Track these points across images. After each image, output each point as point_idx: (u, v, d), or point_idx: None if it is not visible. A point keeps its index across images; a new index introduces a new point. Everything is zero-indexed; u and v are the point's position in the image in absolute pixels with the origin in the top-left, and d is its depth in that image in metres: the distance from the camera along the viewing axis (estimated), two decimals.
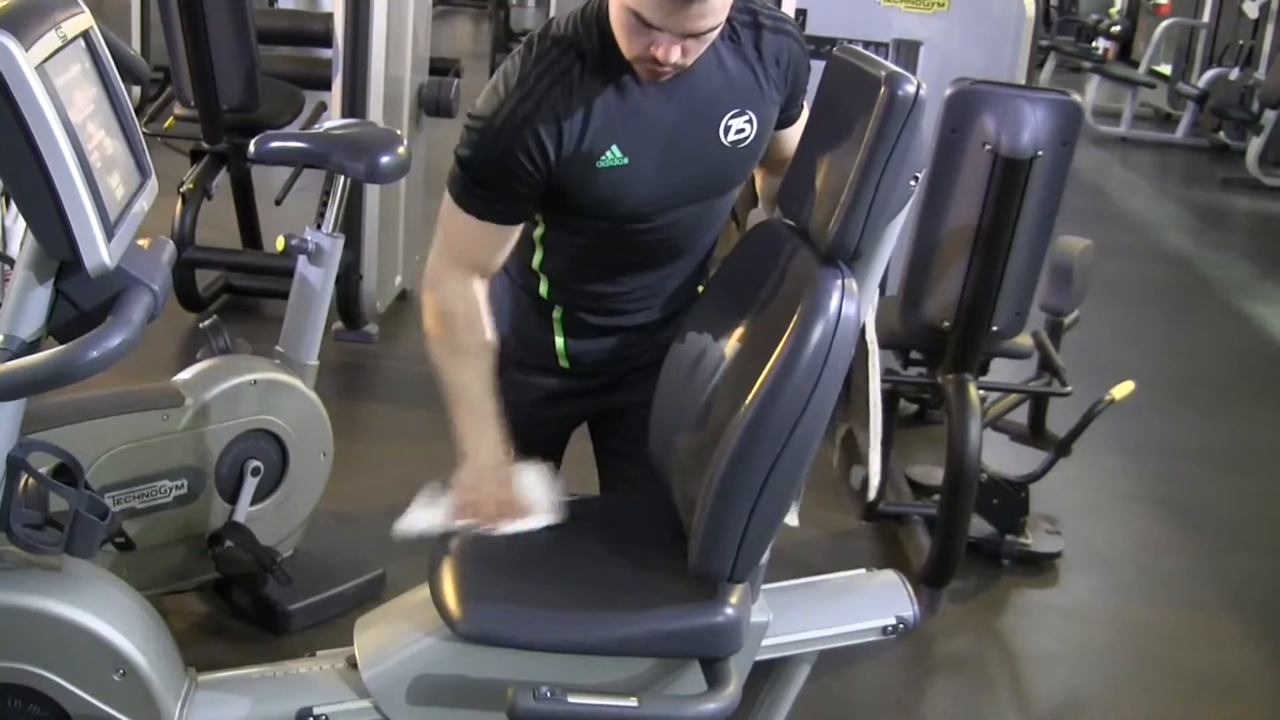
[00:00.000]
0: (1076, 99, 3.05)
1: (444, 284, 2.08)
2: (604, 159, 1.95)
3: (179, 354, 4.18)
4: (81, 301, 1.81)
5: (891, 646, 2.64)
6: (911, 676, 3.15)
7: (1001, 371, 3.59)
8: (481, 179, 1.97)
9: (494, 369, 2.08)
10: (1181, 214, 7.90)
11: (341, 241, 3.01)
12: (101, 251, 1.74)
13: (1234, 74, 9.11)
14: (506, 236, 2.05)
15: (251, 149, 2.95)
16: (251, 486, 2.92)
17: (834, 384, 1.78)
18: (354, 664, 1.99)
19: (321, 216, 3.05)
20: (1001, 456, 3.66)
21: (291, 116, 4.78)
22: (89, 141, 1.76)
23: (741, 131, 2.03)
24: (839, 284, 1.78)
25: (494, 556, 2.00)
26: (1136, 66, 10.59)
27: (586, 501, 2.20)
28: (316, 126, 3.36)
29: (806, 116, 2.13)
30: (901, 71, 1.76)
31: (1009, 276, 3.08)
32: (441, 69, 5.14)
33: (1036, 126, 2.96)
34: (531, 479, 2.06)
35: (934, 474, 3.63)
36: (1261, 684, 3.19)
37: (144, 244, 1.91)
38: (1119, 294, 5.83)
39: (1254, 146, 8.58)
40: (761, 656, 2.05)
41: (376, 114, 4.37)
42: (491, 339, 2.08)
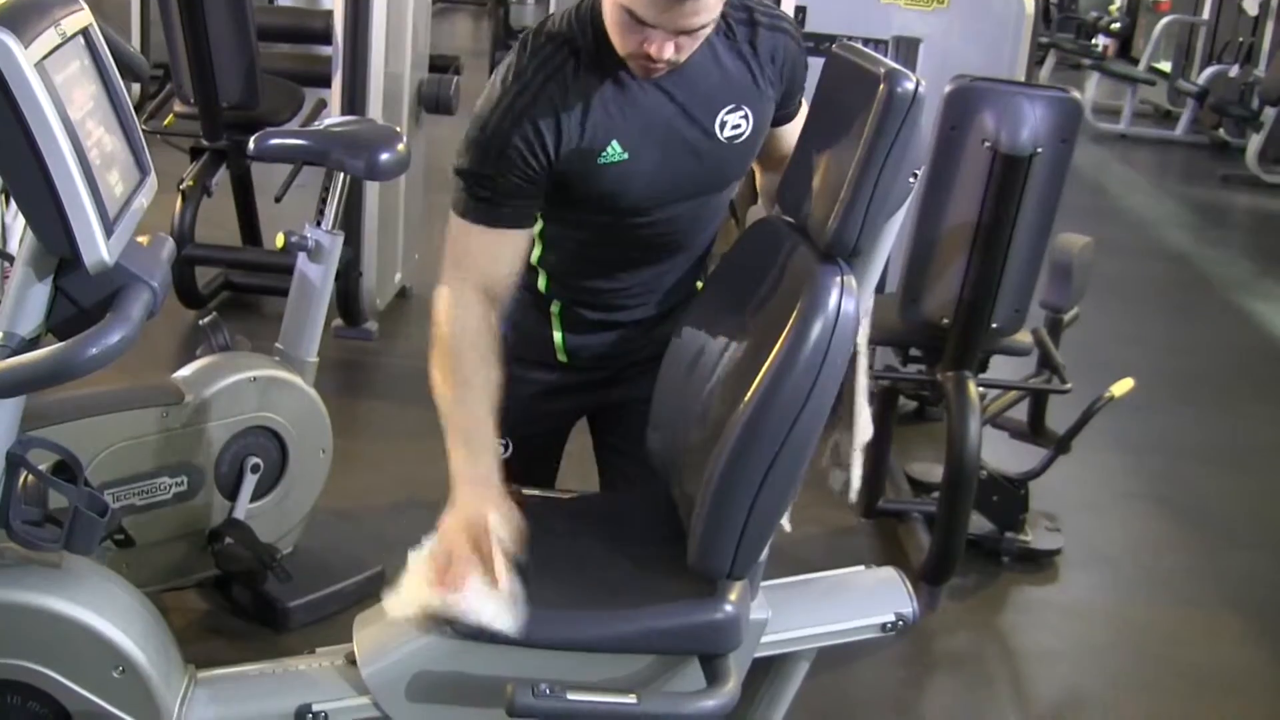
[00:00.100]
0: (1076, 96, 3.05)
1: (454, 306, 1.99)
2: (605, 155, 1.95)
3: (178, 351, 4.18)
4: (81, 298, 1.81)
5: (891, 644, 2.65)
6: (911, 674, 3.15)
7: (1001, 369, 3.58)
8: (485, 180, 1.95)
9: (496, 403, 1.98)
10: (1181, 211, 7.89)
11: (341, 238, 3.01)
12: (101, 248, 1.73)
13: (1234, 71, 9.11)
14: (517, 245, 2.01)
15: (251, 146, 2.96)
16: (251, 483, 2.93)
17: (833, 380, 1.78)
18: (353, 661, 1.98)
19: (321, 213, 3.05)
20: (1001, 454, 3.66)
21: (291, 114, 4.78)
22: (88, 139, 1.76)
23: (737, 127, 2.02)
24: (838, 281, 1.78)
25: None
26: (1136, 63, 10.58)
27: (586, 498, 2.21)
28: (316, 124, 3.35)
29: (803, 113, 2.14)
30: (900, 69, 1.76)
31: (1008, 273, 3.08)
32: (441, 66, 5.15)
33: (1036, 124, 2.96)
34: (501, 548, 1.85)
35: (933, 471, 3.63)
36: (1261, 681, 3.19)
37: (143, 241, 1.91)
38: (1118, 291, 5.83)
39: (1254, 143, 8.58)
40: (761, 653, 2.05)
41: (376, 111, 4.37)
42: (497, 372, 1.99)
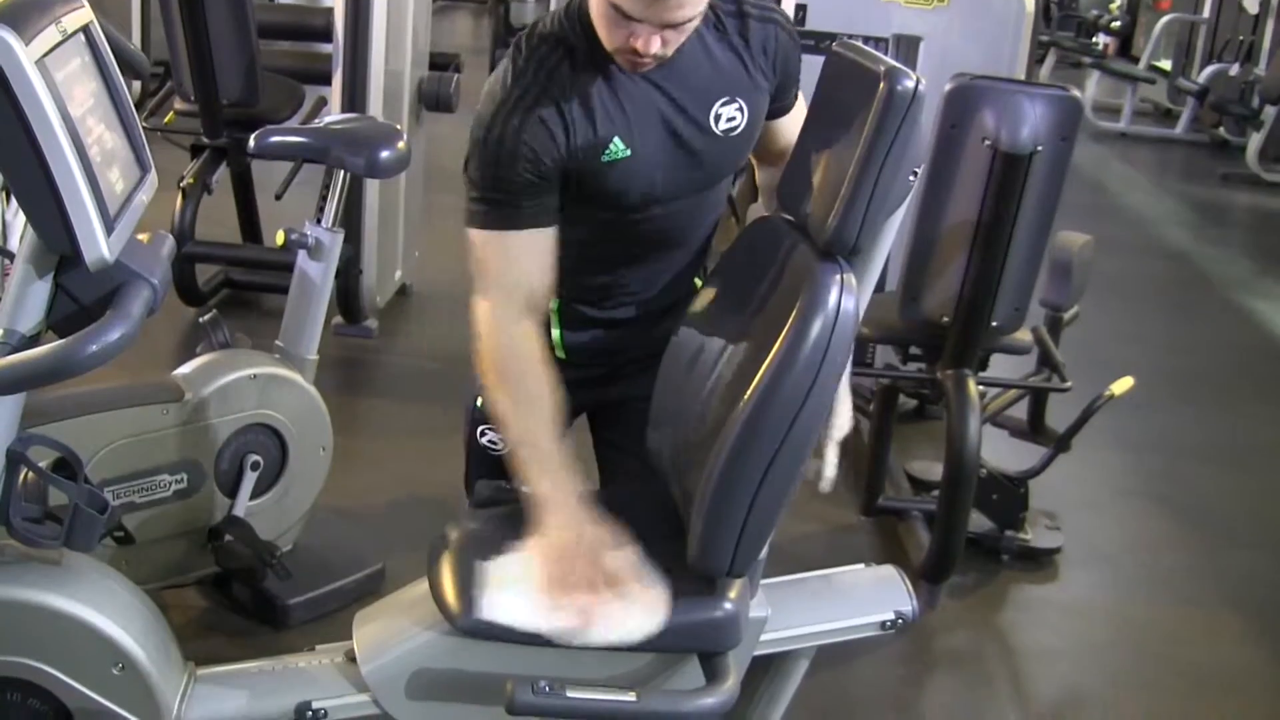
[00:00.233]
0: (1076, 94, 3.05)
1: (496, 335, 1.99)
2: (608, 151, 1.96)
3: (179, 348, 4.19)
4: (81, 296, 1.81)
5: (890, 642, 2.65)
6: (910, 672, 3.15)
7: (1001, 367, 3.58)
8: (499, 183, 1.94)
9: (561, 417, 1.99)
10: (1181, 209, 7.89)
11: (341, 236, 3.01)
12: (101, 246, 1.74)
13: (1234, 69, 9.11)
14: (545, 246, 2.00)
15: (251, 144, 2.96)
16: (251, 481, 2.93)
17: (833, 378, 1.78)
18: (353, 658, 1.99)
19: (321, 211, 3.05)
20: (1001, 452, 3.66)
21: (291, 111, 4.78)
22: (89, 136, 1.76)
23: (732, 120, 2.02)
24: (838, 279, 1.78)
25: (493, 552, 2.00)
26: (1136, 62, 10.58)
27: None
28: (316, 121, 3.35)
29: (801, 108, 2.13)
30: (901, 67, 1.76)
31: (1008, 272, 3.08)
32: (442, 64, 5.14)
33: (1036, 122, 2.96)
34: (626, 562, 1.90)
35: (933, 469, 3.63)
36: (1260, 680, 3.19)
37: (144, 238, 1.91)
38: (1118, 289, 5.83)
39: (1254, 142, 8.58)
40: (760, 651, 2.05)
41: (376, 109, 4.37)
42: (556, 387, 1.99)
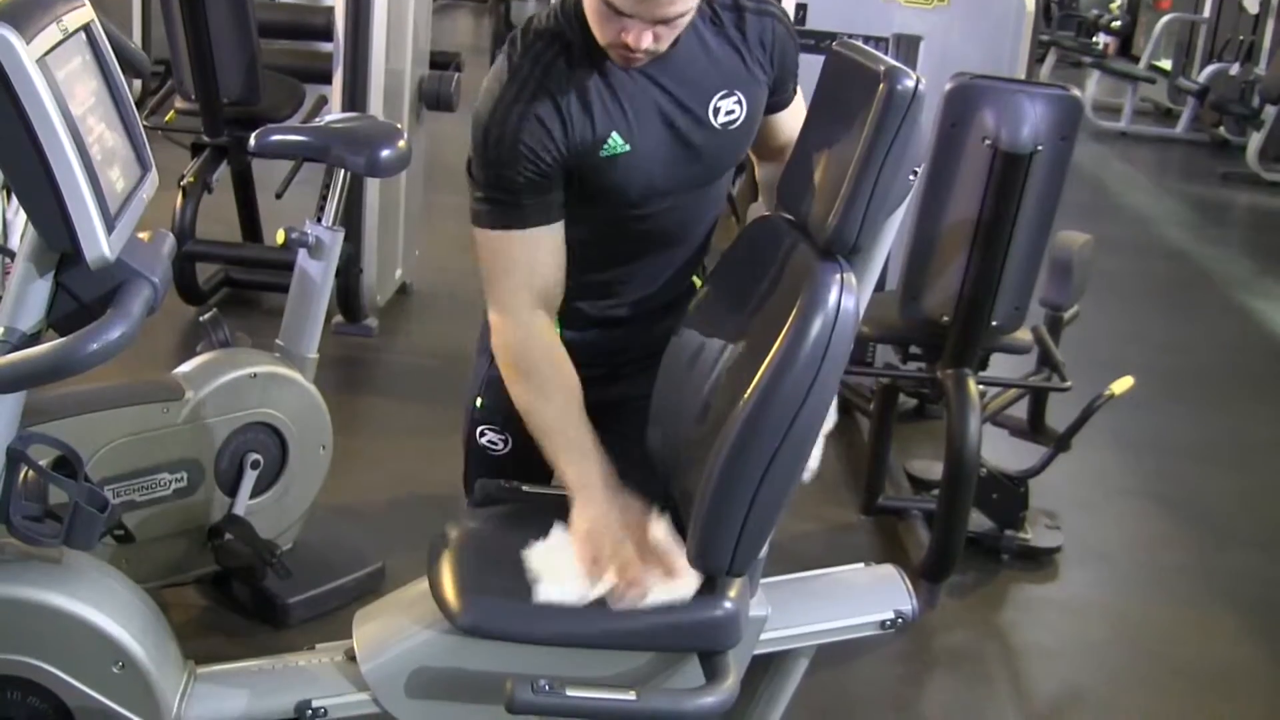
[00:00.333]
0: (1076, 94, 3.05)
1: (511, 329, 2.02)
2: (607, 147, 1.95)
3: (179, 347, 4.19)
4: (82, 294, 1.81)
5: (890, 641, 2.66)
6: (910, 671, 3.15)
7: (1001, 366, 3.59)
8: (499, 183, 1.94)
9: (583, 403, 2.01)
10: (1181, 209, 7.90)
11: (341, 235, 3.01)
12: (102, 244, 1.74)
13: (1234, 69, 9.11)
14: (554, 243, 2.00)
15: (252, 142, 2.96)
16: (251, 479, 2.93)
17: (833, 377, 1.78)
18: (353, 657, 1.99)
19: (322, 210, 3.05)
20: (1001, 451, 3.66)
21: (292, 110, 4.79)
22: (89, 134, 1.76)
23: (731, 113, 2.02)
24: (838, 278, 1.78)
25: (493, 550, 2.01)
26: (1137, 62, 10.58)
27: None
28: (317, 120, 3.35)
29: (800, 103, 2.13)
30: (901, 66, 1.76)
31: (1008, 271, 3.08)
32: (442, 63, 5.14)
33: (1036, 121, 2.96)
34: (661, 531, 1.96)
35: (933, 469, 3.63)
36: (1256, 679, 3.20)
37: (144, 237, 1.91)
38: (1118, 289, 5.83)
39: (1254, 142, 8.58)
40: (760, 650, 2.05)
41: (377, 107, 4.37)
42: (574, 374, 2.02)
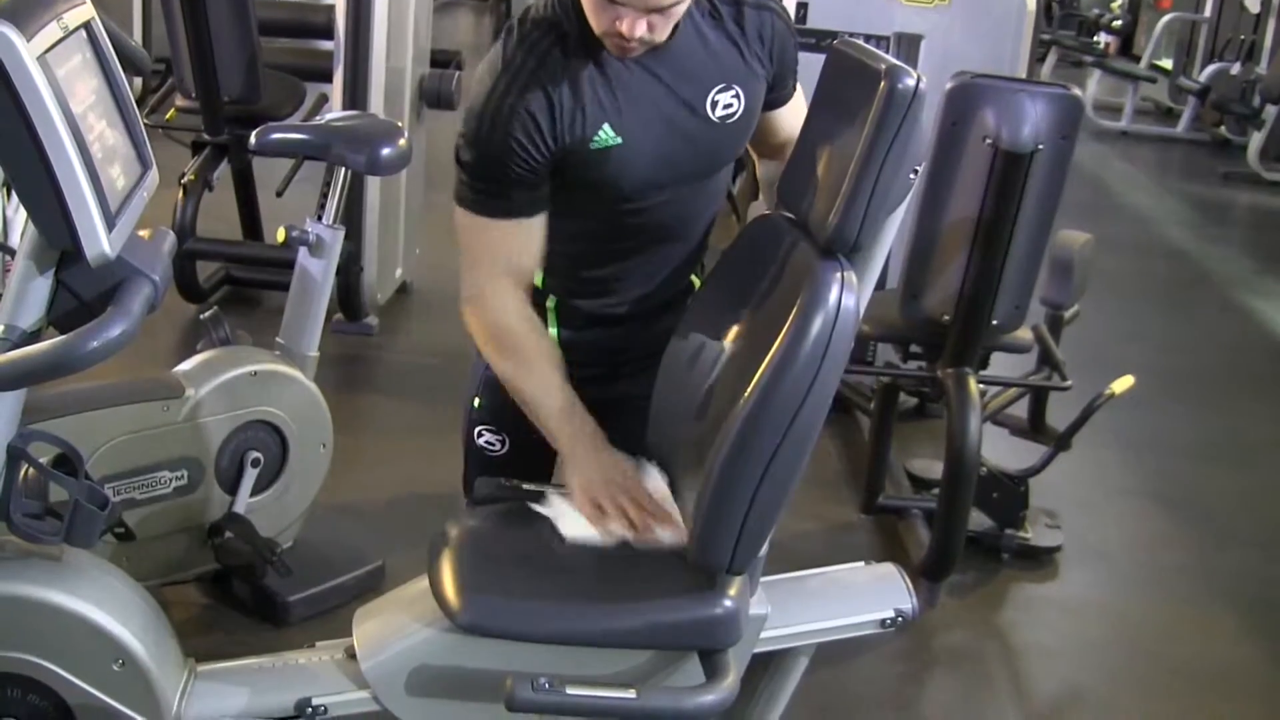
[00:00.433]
0: (1077, 93, 3.05)
1: (485, 303, 2.04)
2: (597, 139, 1.95)
3: (179, 345, 4.19)
4: (82, 292, 1.81)
5: (890, 640, 2.65)
6: (910, 670, 3.15)
7: (1001, 365, 3.59)
8: (488, 174, 1.96)
9: (563, 366, 2.04)
10: (1182, 209, 7.89)
11: (342, 233, 3.01)
12: (102, 242, 1.74)
13: (1235, 69, 9.10)
14: (531, 232, 2.02)
15: (252, 140, 2.96)
16: (251, 478, 2.93)
17: (834, 376, 1.78)
18: (353, 655, 1.99)
19: (322, 208, 3.05)
20: (1001, 450, 3.66)
21: (293, 108, 4.79)
22: (90, 132, 1.76)
23: (729, 107, 2.02)
24: (838, 276, 1.78)
25: (492, 548, 2.01)
26: (1138, 61, 10.57)
27: None
28: (318, 118, 3.36)
29: (800, 99, 2.13)
30: (901, 65, 1.76)
31: (1009, 270, 3.08)
32: (443, 61, 5.14)
33: (1037, 120, 2.96)
34: (655, 481, 2.03)
35: (933, 468, 3.63)
36: (1255, 678, 3.20)
37: (145, 234, 1.91)
38: (1119, 288, 5.83)
39: (1255, 141, 8.57)
40: (760, 649, 2.05)
41: (377, 106, 4.37)
42: (550, 341, 2.05)
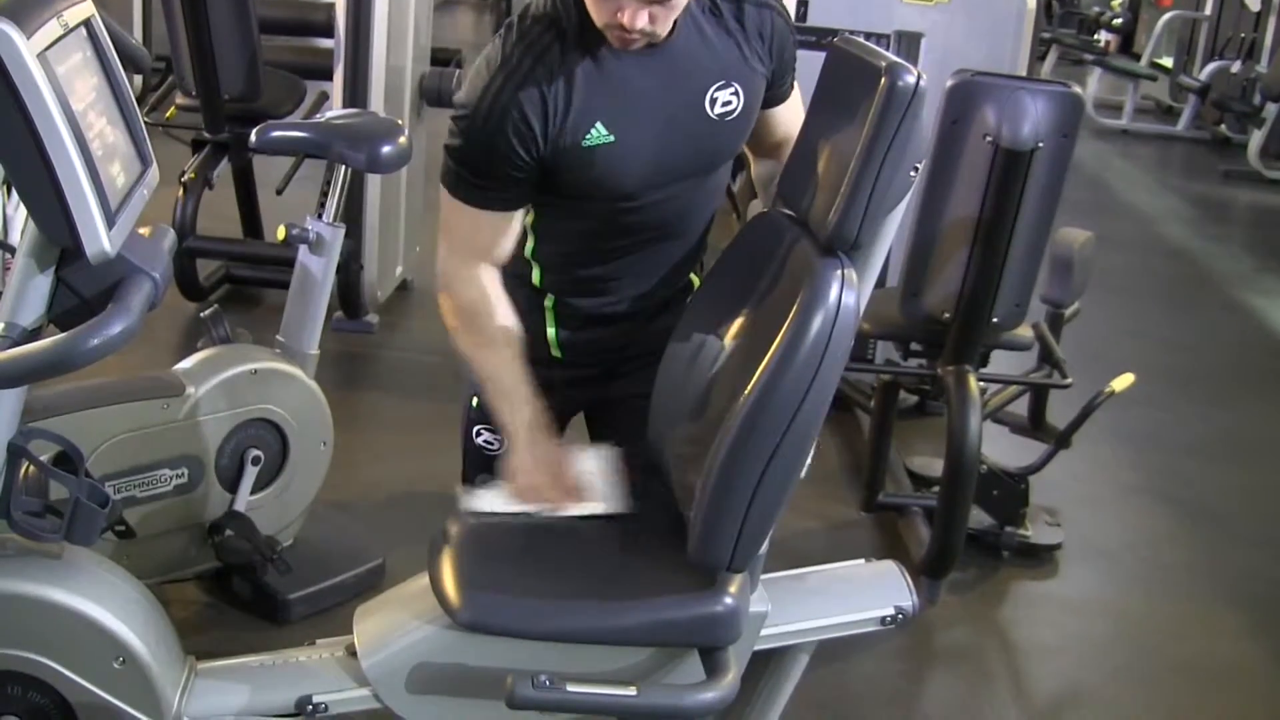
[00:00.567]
0: (1077, 91, 3.05)
1: (457, 281, 2.07)
2: (589, 137, 1.94)
3: (180, 343, 4.19)
4: (82, 289, 1.82)
5: (890, 637, 2.65)
6: (910, 667, 3.15)
7: (1002, 363, 3.58)
8: (475, 167, 1.96)
9: (522, 352, 2.08)
10: (1182, 206, 7.89)
11: (342, 231, 3.01)
12: (102, 239, 1.74)
13: (1236, 67, 9.10)
14: (509, 222, 2.04)
15: (253, 138, 2.96)
16: (252, 475, 2.93)
17: (834, 373, 1.78)
18: (353, 652, 1.99)
19: (322, 206, 3.05)
20: (1001, 448, 3.66)
21: (293, 106, 4.79)
22: (90, 130, 1.76)
23: (728, 104, 2.02)
24: (838, 274, 1.78)
25: (493, 546, 2.01)
26: (1138, 59, 10.57)
27: None
28: (318, 116, 3.36)
29: (798, 98, 2.13)
30: (902, 62, 1.75)
31: (1009, 268, 3.08)
32: (443, 59, 5.15)
33: (1037, 118, 2.96)
34: (589, 464, 2.08)
35: (934, 465, 3.63)
36: (1257, 676, 3.20)
37: (145, 232, 1.91)
38: (1119, 286, 5.83)
39: (1255, 139, 8.57)
40: (760, 646, 2.05)
41: (378, 104, 4.37)
42: (514, 324, 2.08)
